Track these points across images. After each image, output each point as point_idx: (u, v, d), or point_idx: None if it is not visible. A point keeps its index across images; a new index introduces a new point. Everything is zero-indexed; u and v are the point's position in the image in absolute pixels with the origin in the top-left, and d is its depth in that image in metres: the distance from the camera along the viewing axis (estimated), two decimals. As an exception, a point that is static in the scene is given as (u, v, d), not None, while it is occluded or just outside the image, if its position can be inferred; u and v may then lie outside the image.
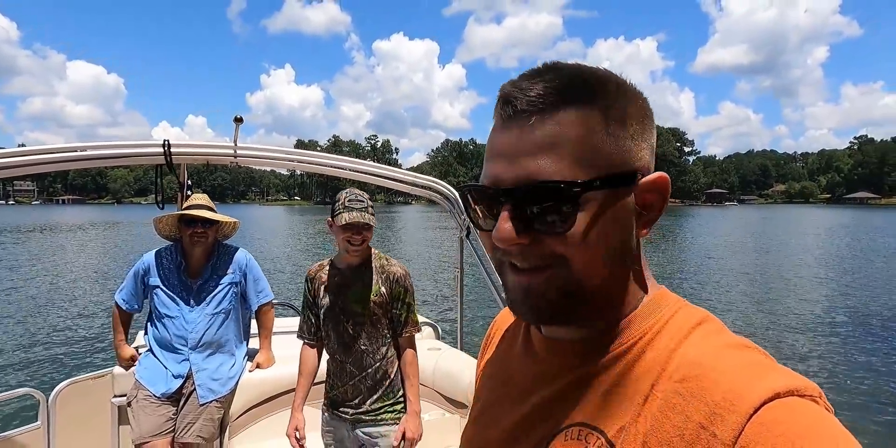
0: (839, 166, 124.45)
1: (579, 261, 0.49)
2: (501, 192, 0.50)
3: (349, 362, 2.00)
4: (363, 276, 2.03)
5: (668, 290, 0.57)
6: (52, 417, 2.44)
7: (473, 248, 2.85)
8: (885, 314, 9.94)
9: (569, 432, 0.51)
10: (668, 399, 0.45)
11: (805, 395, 0.41)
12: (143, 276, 2.51)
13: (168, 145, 2.51)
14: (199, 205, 2.53)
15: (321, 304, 2.05)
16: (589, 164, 0.49)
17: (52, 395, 2.46)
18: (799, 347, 7.84)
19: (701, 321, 0.52)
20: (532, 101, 0.50)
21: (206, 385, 2.41)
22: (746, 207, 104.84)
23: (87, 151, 2.43)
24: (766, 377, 0.42)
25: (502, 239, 0.49)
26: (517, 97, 0.50)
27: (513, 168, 0.49)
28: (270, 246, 23.14)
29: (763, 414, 0.40)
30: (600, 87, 0.51)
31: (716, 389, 0.43)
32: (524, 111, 0.50)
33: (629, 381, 0.50)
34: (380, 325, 2.02)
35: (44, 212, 74.93)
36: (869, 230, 33.85)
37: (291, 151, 2.98)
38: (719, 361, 0.45)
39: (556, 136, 0.49)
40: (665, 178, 0.52)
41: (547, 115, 0.49)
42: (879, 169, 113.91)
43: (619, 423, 0.48)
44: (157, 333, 2.47)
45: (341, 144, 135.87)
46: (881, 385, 6.30)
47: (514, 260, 0.51)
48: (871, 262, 17.75)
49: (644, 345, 0.51)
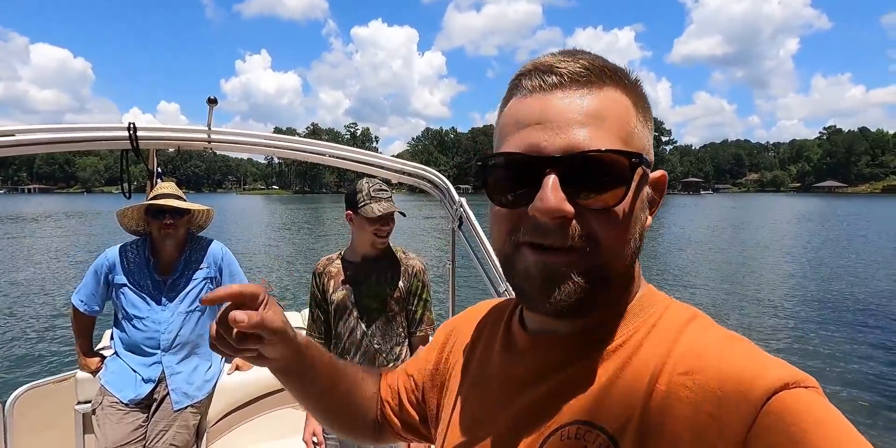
0: (809, 156, 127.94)
1: (612, 243, 0.48)
2: (549, 161, 0.47)
3: (360, 361, 1.90)
4: (379, 270, 1.94)
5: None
6: (10, 425, 2.25)
7: (466, 239, 2.71)
8: (856, 301, 10.23)
9: (565, 432, 0.50)
10: (674, 392, 0.45)
11: (809, 387, 0.41)
12: (107, 273, 2.29)
13: (134, 129, 2.27)
14: (167, 194, 2.31)
15: (331, 300, 1.93)
16: (633, 142, 0.49)
17: (9, 401, 2.28)
18: (775, 338, 7.99)
19: (693, 316, 0.52)
20: (579, 72, 0.49)
21: (181, 389, 2.23)
22: (722, 196, 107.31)
23: (45, 134, 2.18)
24: (772, 368, 0.42)
25: (548, 209, 0.46)
26: (561, 68, 0.49)
27: (559, 136, 0.47)
28: (248, 238, 22.56)
29: (774, 404, 0.40)
30: (628, 76, 0.52)
31: (724, 381, 0.42)
32: (573, 80, 0.49)
33: (628, 376, 0.48)
34: (394, 322, 1.93)
35: (7, 201, 71.88)
36: (841, 219, 34.95)
37: (269, 136, 2.77)
38: (722, 353, 0.45)
39: (605, 110, 0.48)
40: (666, 175, 0.54)
41: (595, 88, 0.49)
42: (847, 159, 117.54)
43: (622, 420, 0.47)
44: (125, 335, 2.26)
45: (320, 132, 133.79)
46: (855, 373, 6.45)
47: (542, 239, 0.48)
48: (843, 250, 18.31)
49: (639, 339, 0.51)
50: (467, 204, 2.62)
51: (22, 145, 2.12)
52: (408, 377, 0.78)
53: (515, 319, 0.64)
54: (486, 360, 0.64)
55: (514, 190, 0.49)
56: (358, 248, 1.94)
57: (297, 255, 16.58)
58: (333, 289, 1.93)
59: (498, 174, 0.51)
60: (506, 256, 0.52)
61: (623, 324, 0.52)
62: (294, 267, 14.32)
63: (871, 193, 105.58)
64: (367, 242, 1.91)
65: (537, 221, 0.47)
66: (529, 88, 0.50)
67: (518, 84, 0.52)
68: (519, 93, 0.51)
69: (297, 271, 13.57)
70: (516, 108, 0.51)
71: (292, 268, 14.20)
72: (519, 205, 0.49)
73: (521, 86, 0.51)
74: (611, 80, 0.50)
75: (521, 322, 0.62)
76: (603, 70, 0.49)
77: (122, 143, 2.31)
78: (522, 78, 0.51)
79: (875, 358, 6.86)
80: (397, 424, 0.77)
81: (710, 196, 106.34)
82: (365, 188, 1.89)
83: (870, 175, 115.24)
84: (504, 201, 0.51)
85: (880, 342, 7.54)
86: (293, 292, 10.79)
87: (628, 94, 0.50)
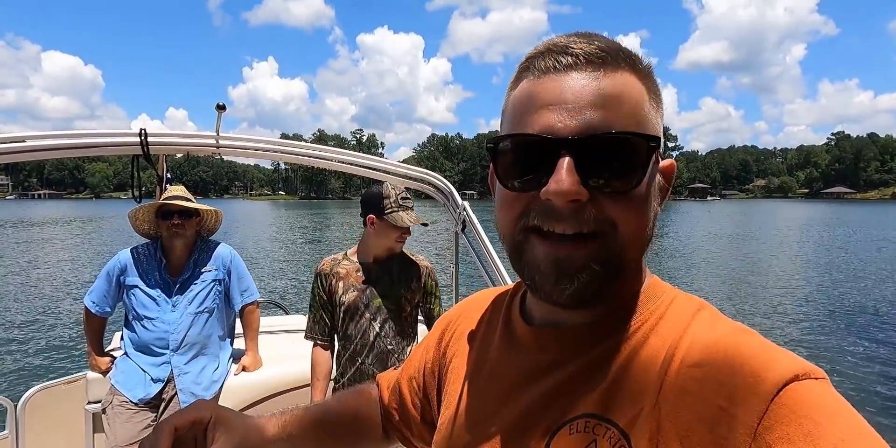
0: (817, 162, 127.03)
1: (629, 229, 0.47)
2: (564, 143, 0.45)
3: (372, 363, 1.90)
4: (391, 271, 1.95)
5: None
6: (22, 425, 2.29)
7: (469, 243, 2.74)
8: (862, 305, 10.13)
9: (573, 425, 0.49)
10: (685, 384, 0.44)
11: (819, 378, 0.41)
12: (119, 275, 2.34)
13: (145, 134, 2.33)
14: (177, 196, 2.38)
15: (340, 302, 1.92)
16: (647, 126, 0.48)
17: (21, 402, 2.32)
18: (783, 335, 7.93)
19: (700, 307, 0.51)
20: (595, 53, 0.47)
21: (189, 389, 2.27)
22: (729, 202, 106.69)
23: (56, 140, 2.24)
24: (781, 360, 0.42)
25: (563, 191, 0.44)
26: (576, 49, 0.47)
27: (575, 117, 0.45)
28: (255, 242, 22.74)
29: (785, 395, 0.39)
30: (641, 61, 0.50)
31: (734, 373, 0.42)
32: (588, 62, 0.47)
33: (637, 368, 0.47)
34: (406, 323, 1.95)
35: (18, 206, 72.79)
36: (851, 226, 34.58)
37: (276, 142, 2.82)
38: (733, 345, 0.44)
39: (622, 92, 0.47)
40: (675, 165, 0.53)
41: (611, 70, 0.47)
42: (855, 164, 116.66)
43: (632, 412, 0.46)
44: (135, 336, 2.31)
45: (326, 138, 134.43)
46: (858, 371, 6.39)
47: (553, 224, 0.46)
48: (851, 256, 18.12)
49: (647, 331, 0.50)
50: (471, 208, 2.65)
51: (34, 151, 2.18)
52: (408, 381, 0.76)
53: (516, 311, 0.62)
54: (486, 353, 0.63)
55: (526, 173, 0.48)
56: (372, 251, 1.94)
57: (304, 260, 16.66)
58: (343, 290, 1.92)
59: (509, 157, 0.49)
60: (514, 244, 0.50)
61: (630, 315, 0.51)
62: (300, 271, 14.38)
63: (880, 199, 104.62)
64: (385, 246, 1.93)
65: (550, 205, 0.46)
66: (543, 69, 0.48)
67: (530, 66, 0.50)
68: (531, 74, 0.49)
69: (304, 276, 13.64)
70: (529, 90, 0.49)
71: (299, 272, 14.27)
72: (530, 188, 0.47)
73: (534, 67, 0.49)
74: (626, 62, 0.48)
75: (523, 313, 0.60)
76: (618, 53, 0.48)
77: (133, 149, 2.37)
78: (535, 59, 0.49)
79: (879, 360, 6.79)
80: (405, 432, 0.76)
81: (717, 202, 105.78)
82: (392, 195, 1.89)
83: (879, 181, 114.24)
84: (515, 185, 0.49)
85: (885, 346, 7.46)
86: (301, 296, 10.84)
87: (641, 78, 0.49)
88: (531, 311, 0.60)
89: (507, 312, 0.64)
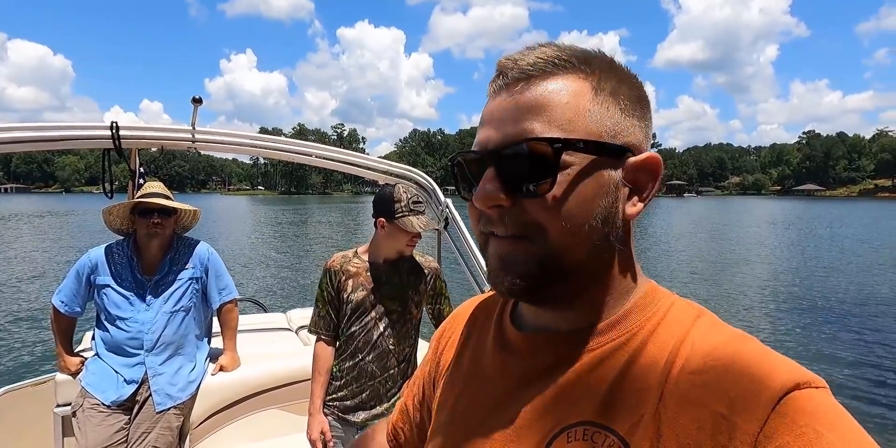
0: (789, 160, 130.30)
1: (557, 230, 0.48)
2: (487, 154, 0.50)
3: (373, 363, 1.91)
4: (400, 272, 1.95)
5: None
6: None
7: (452, 240, 2.73)
8: (837, 301, 10.47)
9: (572, 433, 0.48)
10: (686, 391, 0.44)
11: (819, 387, 0.41)
12: (90, 274, 2.25)
13: (116, 128, 2.25)
14: (155, 193, 2.29)
15: (349, 299, 1.91)
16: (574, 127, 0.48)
17: None
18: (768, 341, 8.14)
19: (699, 314, 0.51)
20: (523, 69, 0.50)
21: (164, 390, 2.20)
22: (705, 198, 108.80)
23: (24, 133, 2.14)
24: (782, 368, 0.42)
25: (483, 198, 0.49)
26: (509, 67, 0.51)
27: (499, 131, 0.49)
28: (233, 239, 22.32)
29: (786, 404, 0.39)
30: (594, 59, 0.51)
31: (734, 381, 0.42)
32: (515, 78, 0.50)
33: (636, 374, 0.47)
34: (409, 325, 1.96)
35: (-17, 201, 70.11)
36: (822, 222, 35.66)
37: (255, 136, 2.76)
38: (734, 352, 0.44)
39: (544, 100, 0.48)
40: (656, 158, 0.50)
41: (536, 81, 0.49)
42: (825, 163, 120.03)
43: (632, 420, 0.45)
44: (108, 335, 2.23)
45: (307, 133, 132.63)
46: (840, 375, 6.60)
47: (494, 228, 0.51)
48: (824, 253, 18.70)
49: (645, 337, 0.49)
50: (453, 205, 2.64)
51: (15, 142, 2.08)
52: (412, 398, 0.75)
53: (507, 316, 0.62)
54: (478, 359, 0.62)
55: (469, 185, 0.53)
56: (382, 252, 1.94)
57: (282, 257, 16.44)
58: (353, 288, 1.92)
59: (458, 172, 0.55)
60: (481, 246, 0.55)
61: (625, 321, 0.51)
62: (279, 269, 14.19)
63: (848, 196, 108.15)
64: (395, 249, 1.93)
65: (481, 212, 0.51)
66: (489, 93, 0.54)
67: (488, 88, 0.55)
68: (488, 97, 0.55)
69: (284, 273, 13.46)
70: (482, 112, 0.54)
71: (279, 269, 14.07)
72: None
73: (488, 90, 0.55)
74: (561, 68, 0.49)
75: (514, 319, 0.61)
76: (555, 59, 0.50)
77: (105, 143, 2.28)
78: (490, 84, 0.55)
79: (856, 358, 7.04)
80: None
81: (693, 199, 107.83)
82: (404, 199, 1.87)
83: (847, 179, 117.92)
84: (466, 196, 0.55)
85: (863, 342, 7.73)
86: (280, 294, 10.70)
87: (588, 76, 0.49)
88: (522, 317, 0.60)
89: (500, 317, 0.64)
